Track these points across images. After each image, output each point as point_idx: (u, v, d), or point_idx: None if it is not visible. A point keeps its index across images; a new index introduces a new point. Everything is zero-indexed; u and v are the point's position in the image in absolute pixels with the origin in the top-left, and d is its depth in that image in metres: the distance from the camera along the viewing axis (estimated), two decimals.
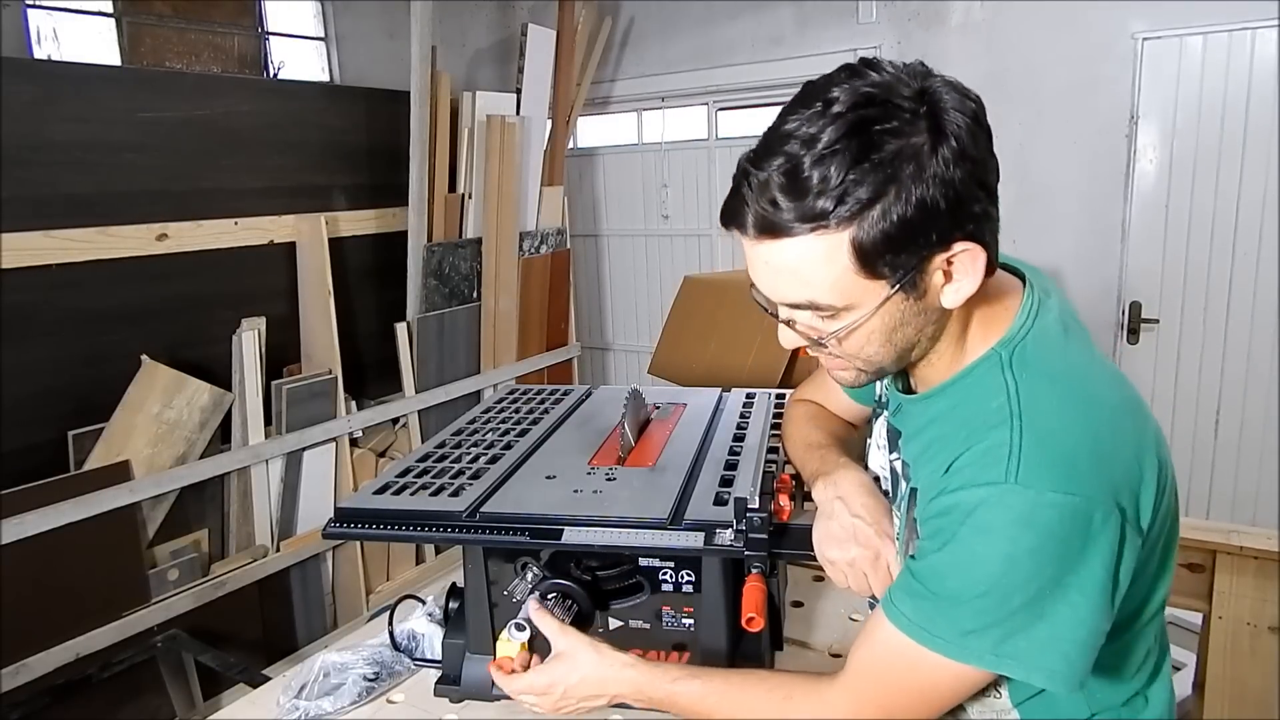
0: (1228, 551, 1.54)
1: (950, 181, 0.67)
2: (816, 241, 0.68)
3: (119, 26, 2.82)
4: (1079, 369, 0.76)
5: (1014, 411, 0.71)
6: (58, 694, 2.11)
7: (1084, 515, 0.67)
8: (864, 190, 0.65)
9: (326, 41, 3.49)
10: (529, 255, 3.47)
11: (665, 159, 4.04)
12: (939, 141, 0.67)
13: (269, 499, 2.67)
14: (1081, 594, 0.68)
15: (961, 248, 0.70)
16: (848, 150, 0.65)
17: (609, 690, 0.90)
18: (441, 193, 3.10)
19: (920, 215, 0.66)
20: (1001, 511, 0.68)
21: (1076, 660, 0.69)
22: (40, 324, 2.22)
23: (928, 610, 0.72)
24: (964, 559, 0.70)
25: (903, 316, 0.73)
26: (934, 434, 0.79)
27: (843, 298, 0.71)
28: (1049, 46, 2.96)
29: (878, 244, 0.67)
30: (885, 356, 0.77)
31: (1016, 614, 0.68)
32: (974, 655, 0.70)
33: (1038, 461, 0.68)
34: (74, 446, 2.29)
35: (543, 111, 3.51)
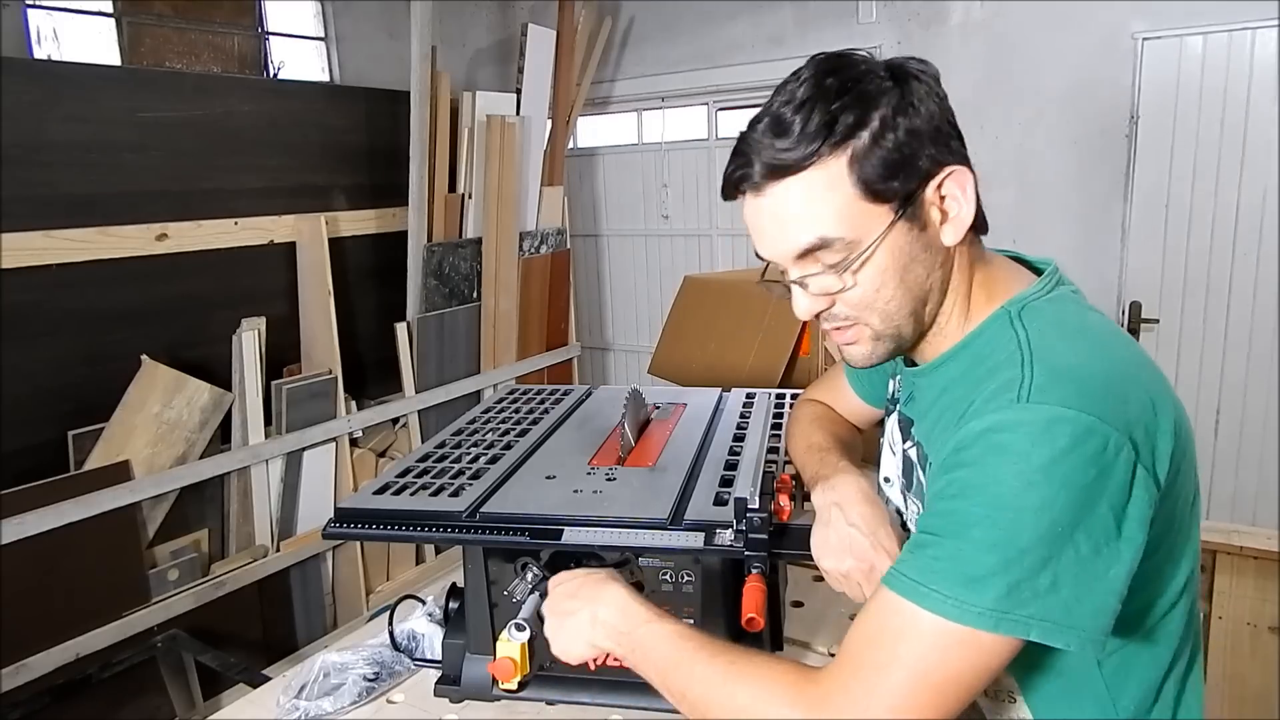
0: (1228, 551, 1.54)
1: (930, 112, 0.73)
2: (817, 173, 0.72)
3: (119, 26, 2.82)
4: (1094, 325, 0.76)
5: (1024, 353, 0.71)
6: (58, 694, 2.11)
7: (1099, 437, 0.64)
8: (849, 117, 0.71)
9: (326, 41, 3.49)
10: (529, 255, 3.47)
11: (665, 159, 4.04)
12: (907, 83, 0.74)
13: (269, 499, 2.67)
14: (1090, 539, 0.64)
15: (950, 170, 0.74)
16: (823, 93, 0.72)
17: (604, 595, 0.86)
18: (441, 193, 3.10)
19: (907, 138, 0.72)
20: (1015, 428, 0.65)
21: (1080, 611, 0.64)
22: (40, 324, 2.22)
23: (928, 559, 0.67)
24: (975, 482, 0.66)
25: (911, 251, 0.75)
26: (947, 401, 0.78)
27: (851, 228, 0.73)
28: (1049, 46, 2.96)
29: (874, 165, 0.72)
30: (901, 306, 0.77)
31: (1025, 554, 0.63)
32: (974, 613, 0.63)
33: (1049, 383, 0.67)
34: (74, 446, 2.29)
35: (543, 111, 3.51)
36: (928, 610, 0.65)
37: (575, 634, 0.87)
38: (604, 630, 0.84)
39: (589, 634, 0.86)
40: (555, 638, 0.90)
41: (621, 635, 0.83)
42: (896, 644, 0.66)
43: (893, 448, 0.95)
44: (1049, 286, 0.79)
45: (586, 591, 0.88)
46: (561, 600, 0.90)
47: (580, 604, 0.88)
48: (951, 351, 0.80)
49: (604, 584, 0.89)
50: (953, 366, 0.80)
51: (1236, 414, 2.85)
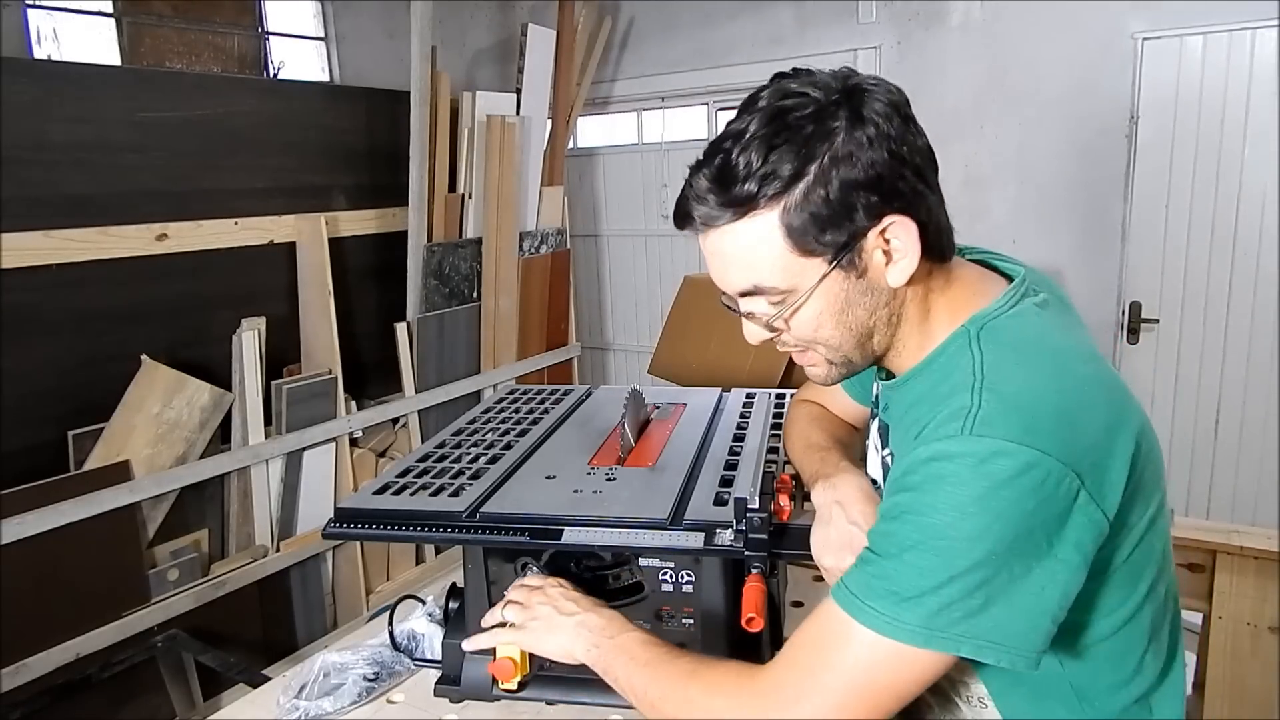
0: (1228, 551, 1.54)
1: (871, 161, 0.71)
2: (749, 225, 0.74)
3: (119, 26, 2.81)
4: (1053, 344, 0.76)
5: (976, 377, 0.72)
6: (58, 694, 2.11)
7: (1039, 470, 0.65)
8: (785, 169, 0.71)
9: (326, 41, 3.49)
10: (529, 255, 3.47)
11: (665, 159, 4.04)
12: (856, 125, 0.71)
13: (269, 499, 2.67)
14: (1024, 564, 0.66)
15: (891, 220, 0.73)
16: (766, 136, 0.72)
17: (583, 608, 0.94)
18: (441, 193, 3.10)
19: (842, 191, 0.71)
20: (955, 459, 0.67)
21: (1013, 630, 0.66)
22: (40, 324, 2.22)
23: (868, 576, 0.70)
24: (914, 507, 0.69)
25: (848, 296, 0.76)
26: (914, 416, 0.79)
27: (784, 279, 0.75)
28: (1049, 46, 2.96)
29: (805, 221, 0.72)
30: (844, 342, 0.79)
31: (958, 579, 0.65)
32: (905, 630, 0.67)
33: (995, 415, 0.68)
34: (74, 446, 2.28)
35: (543, 111, 3.51)
36: (864, 626, 0.68)
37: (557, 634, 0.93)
38: (587, 637, 0.90)
39: (570, 638, 0.91)
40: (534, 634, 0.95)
41: (601, 641, 0.89)
42: (832, 650, 0.70)
43: (876, 447, 0.96)
44: (1013, 300, 0.79)
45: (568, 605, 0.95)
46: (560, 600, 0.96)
47: (570, 607, 0.94)
48: (916, 369, 0.82)
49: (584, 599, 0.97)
50: (917, 384, 0.81)
51: (1236, 414, 2.85)
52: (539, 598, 0.97)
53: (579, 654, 0.91)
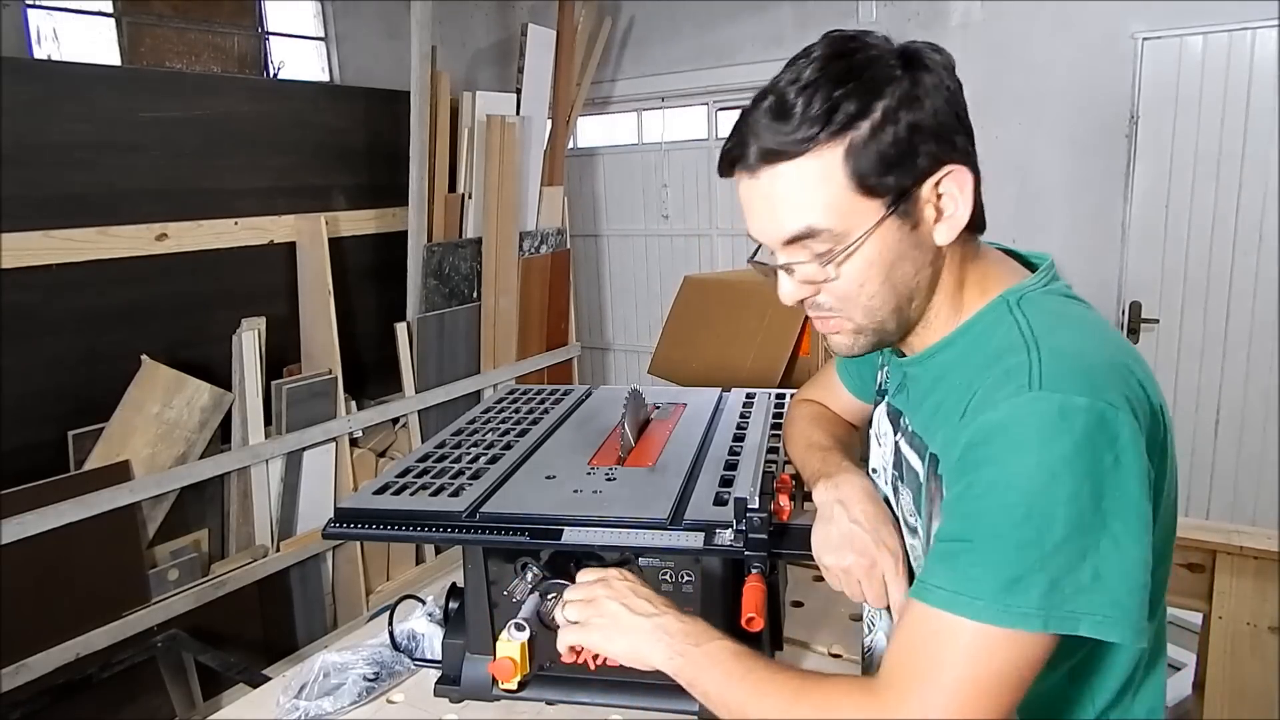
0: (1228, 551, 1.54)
1: (935, 108, 0.71)
2: (811, 162, 0.71)
3: (119, 26, 2.82)
4: (1091, 317, 0.76)
5: (1028, 338, 0.70)
6: (58, 694, 2.11)
7: (1111, 422, 0.64)
8: (851, 105, 0.70)
9: (326, 41, 3.49)
10: (529, 255, 3.47)
11: (665, 159, 4.04)
12: (917, 73, 0.71)
13: (269, 499, 2.67)
14: (1121, 521, 0.63)
15: (949, 169, 0.72)
16: (830, 77, 0.71)
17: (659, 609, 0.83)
18: (441, 193, 3.10)
19: (909, 133, 0.70)
20: (1030, 420, 0.64)
21: (1129, 602, 0.63)
22: (40, 324, 2.22)
23: (963, 569, 0.65)
24: (998, 481, 0.65)
25: (900, 249, 0.74)
26: (945, 389, 0.77)
27: (840, 220, 0.72)
28: (1049, 46, 2.96)
29: (870, 158, 0.70)
30: (886, 301, 0.76)
31: (1061, 549, 0.62)
32: (1019, 615, 0.63)
33: (1058, 370, 0.66)
34: (74, 446, 2.29)
35: (543, 111, 3.51)
36: (973, 620, 0.64)
37: (629, 636, 0.83)
38: (668, 643, 0.80)
39: (648, 644, 0.81)
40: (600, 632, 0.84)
41: (686, 649, 0.80)
42: (942, 652, 0.66)
43: (880, 439, 0.95)
44: (1045, 280, 0.79)
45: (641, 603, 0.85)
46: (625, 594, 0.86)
47: (645, 607, 0.84)
48: (948, 339, 0.80)
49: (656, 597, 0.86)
50: (949, 354, 0.79)
51: (1236, 414, 2.85)
52: (604, 591, 0.87)
53: (656, 659, 0.81)
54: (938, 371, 0.80)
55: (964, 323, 0.79)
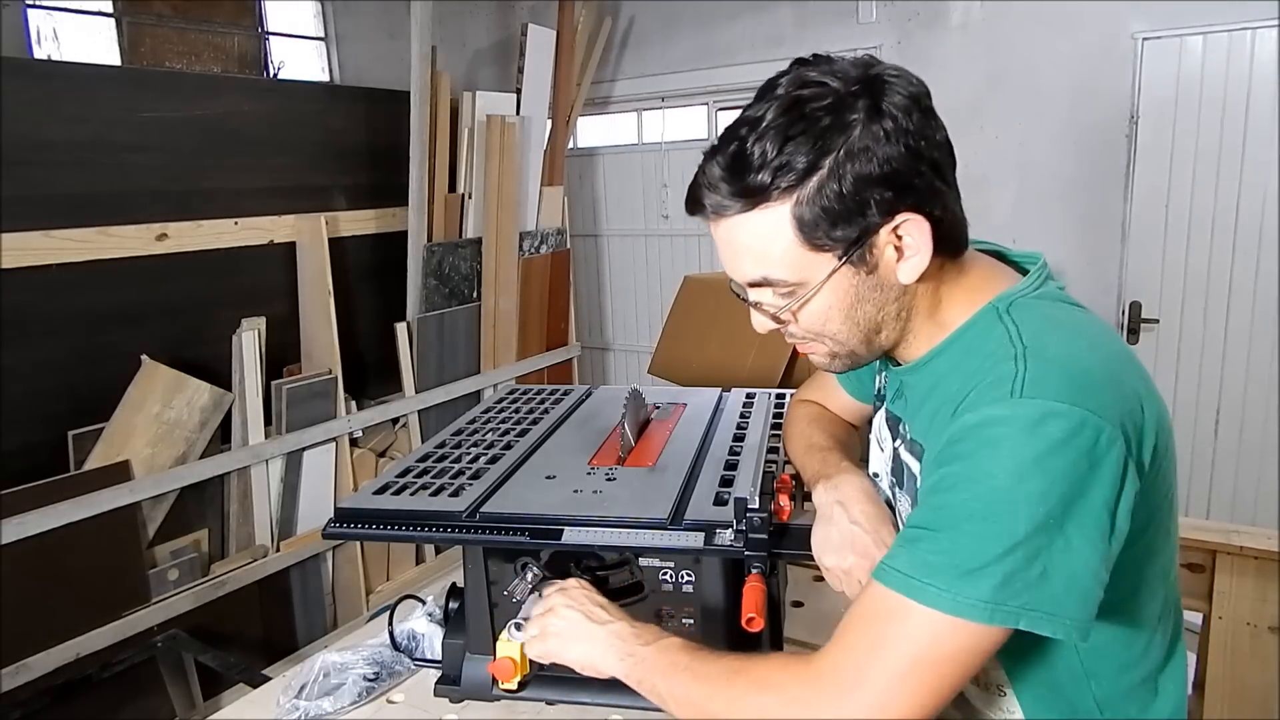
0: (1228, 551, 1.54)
1: (887, 156, 0.70)
2: (761, 216, 0.73)
3: (119, 26, 2.82)
4: (1083, 319, 0.77)
5: (1016, 344, 0.71)
6: (58, 694, 2.11)
7: (1091, 430, 0.65)
8: (799, 161, 0.70)
9: (326, 41, 3.49)
10: (529, 255, 3.47)
11: (665, 159, 4.04)
12: (874, 118, 0.70)
13: (269, 499, 2.67)
14: (1080, 530, 0.65)
15: (904, 218, 0.72)
16: (783, 126, 0.71)
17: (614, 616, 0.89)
18: (441, 193, 3.10)
19: (856, 187, 0.70)
20: (1008, 422, 0.66)
21: (1067, 601, 0.65)
22: (40, 324, 2.22)
23: (923, 553, 0.67)
24: (968, 475, 0.67)
25: (858, 292, 0.76)
26: (940, 396, 0.78)
27: (793, 272, 0.75)
28: (1049, 46, 2.96)
29: (817, 216, 0.71)
30: (850, 336, 0.79)
31: (1019, 547, 0.64)
32: (969, 605, 0.64)
33: (1043, 377, 0.67)
34: (74, 446, 2.29)
35: (543, 111, 3.51)
36: (923, 604, 0.66)
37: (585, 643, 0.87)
38: (620, 646, 0.85)
39: (601, 649, 0.86)
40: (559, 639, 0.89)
41: (636, 649, 0.84)
42: (889, 631, 0.67)
43: (880, 444, 0.95)
44: (1036, 284, 0.79)
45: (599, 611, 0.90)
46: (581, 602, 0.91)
47: (603, 615, 0.89)
48: (939, 347, 0.81)
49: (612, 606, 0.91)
50: (941, 362, 0.80)
51: (1236, 414, 2.85)
52: (561, 600, 0.92)
53: (609, 665, 0.85)
54: (932, 379, 0.81)
55: (954, 331, 0.80)
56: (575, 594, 0.92)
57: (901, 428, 0.87)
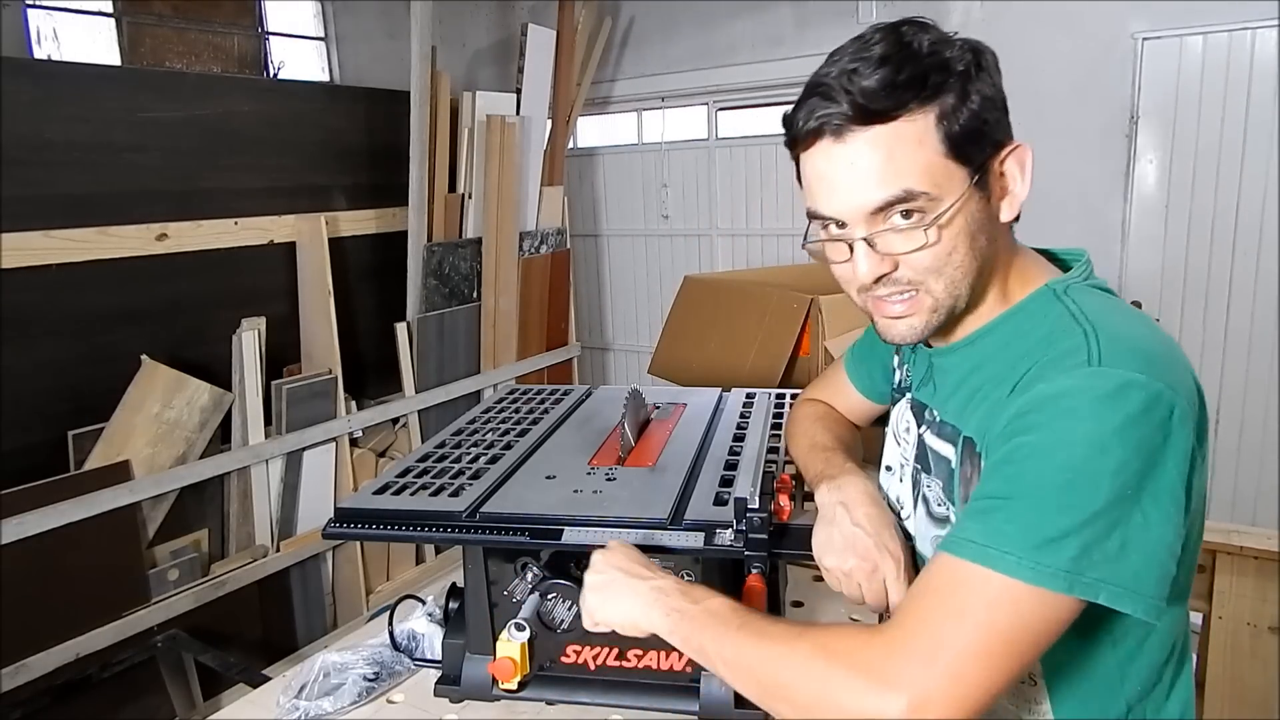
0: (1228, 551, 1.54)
1: (998, 87, 0.76)
2: (905, 126, 0.72)
3: (119, 26, 2.82)
4: (1133, 310, 0.78)
5: (1082, 322, 0.71)
6: (58, 694, 2.11)
7: (1166, 403, 0.64)
8: (936, 76, 0.72)
9: (326, 41, 3.49)
10: (529, 255, 3.47)
11: (665, 159, 4.04)
12: (980, 55, 0.76)
13: (269, 499, 2.67)
14: (1156, 504, 0.64)
15: (1014, 146, 0.76)
16: (908, 52, 0.72)
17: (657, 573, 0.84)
18: (441, 193, 3.10)
19: (984, 107, 0.74)
20: (1087, 391, 0.65)
21: (1147, 577, 0.64)
22: (40, 324, 2.22)
23: (998, 524, 0.65)
24: (1046, 444, 0.65)
25: (979, 219, 0.75)
26: (984, 376, 0.77)
27: (935, 185, 0.72)
28: (1049, 46, 2.96)
29: (958, 126, 0.72)
30: (970, 271, 0.75)
31: (1099, 517, 0.63)
32: (1048, 574, 0.62)
33: (1117, 350, 0.67)
34: (74, 446, 2.29)
35: (543, 111, 3.52)
36: (1001, 573, 0.64)
37: (628, 599, 0.83)
38: (665, 606, 0.80)
39: (645, 605, 0.81)
40: (600, 595, 0.85)
41: (684, 605, 0.79)
42: (967, 602, 0.65)
43: (899, 436, 0.94)
44: (1085, 274, 0.81)
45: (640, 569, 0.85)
46: (619, 561, 0.86)
47: (644, 571, 0.85)
48: (988, 327, 0.80)
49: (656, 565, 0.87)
50: (988, 343, 0.80)
51: (1236, 414, 2.85)
52: (602, 558, 0.88)
53: (653, 621, 0.80)
54: (976, 359, 0.80)
55: (1007, 310, 0.79)
56: (616, 553, 0.88)
57: (928, 414, 0.86)
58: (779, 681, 0.70)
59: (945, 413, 0.83)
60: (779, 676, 0.70)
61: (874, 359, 1.07)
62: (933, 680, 0.63)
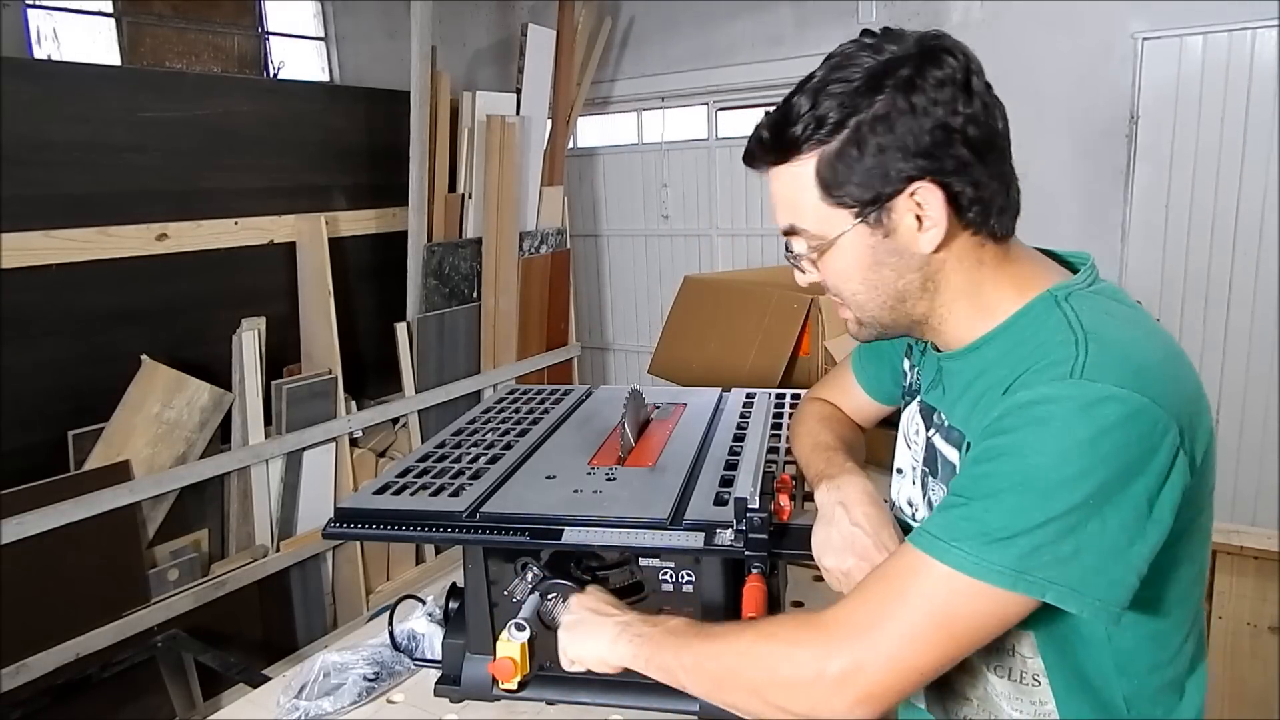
0: (1228, 551, 1.54)
1: (909, 128, 0.73)
2: (792, 169, 0.77)
3: (119, 26, 2.82)
4: (1138, 316, 0.78)
5: (1077, 332, 0.71)
6: (58, 694, 2.11)
7: (1148, 418, 0.65)
8: (829, 119, 0.74)
9: (326, 41, 3.49)
10: (529, 255, 3.47)
11: (665, 159, 4.04)
12: (906, 90, 0.73)
13: (269, 499, 2.67)
14: (1118, 515, 0.65)
15: (918, 186, 0.74)
16: (819, 87, 0.75)
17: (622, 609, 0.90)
18: (441, 193, 3.10)
19: (875, 152, 0.73)
20: (1063, 402, 0.66)
21: (1098, 581, 0.65)
22: (40, 324, 2.22)
23: (954, 519, 0.68)
24: (1013, 449, 0.67)
25: (875, 255, 0.78)
26: (988, 381, 0.78)
27: (815, 223, 0.78)
28: (1049, 46, 2.96)
29: (837, 173, 0.75)
30: (869, 301, 0.81)
31: (1054, 522, 0.64)
32: (992, 570, 0.65)
33: (1103, 362, 0.67)
34: (74, 446, 2.29)
35: (543, 111, 3.52)
36: (947, 565, 0.67)
37: (596, 636, 0.88)
38: (628, 634, 0.85)
39: (610, 639, 0.86)
40: (572, 634, 0.90)
41: (642, 631, 0.84)
42: (907, 586, 0.68)
43: (909, 439, 0.94)
44: (1089, 279, 0.80)
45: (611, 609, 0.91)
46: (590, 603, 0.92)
47: (612, 610, 0.90)
48: (990, 335, 0.80)
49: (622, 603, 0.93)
50: (991, 349, 0.80)
51: (1236, 414, 2.85)
52: (575, 601, 0.94)
53: (620, 654, 0.85)
54: (980, 365, 0.80)
55: (1008, 318, 0.80)
56: (589, 596, 0.94)
57: (937, 417, 0.87)
58: (730, 670, 0.75)
59: (952, 417, 0.84)
60: (730, 665, 0.75)
61: (882, 360, 1.08)
62: (867, 651, 0.68)
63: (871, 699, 0.67)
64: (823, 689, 0.68)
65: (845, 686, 0.67)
